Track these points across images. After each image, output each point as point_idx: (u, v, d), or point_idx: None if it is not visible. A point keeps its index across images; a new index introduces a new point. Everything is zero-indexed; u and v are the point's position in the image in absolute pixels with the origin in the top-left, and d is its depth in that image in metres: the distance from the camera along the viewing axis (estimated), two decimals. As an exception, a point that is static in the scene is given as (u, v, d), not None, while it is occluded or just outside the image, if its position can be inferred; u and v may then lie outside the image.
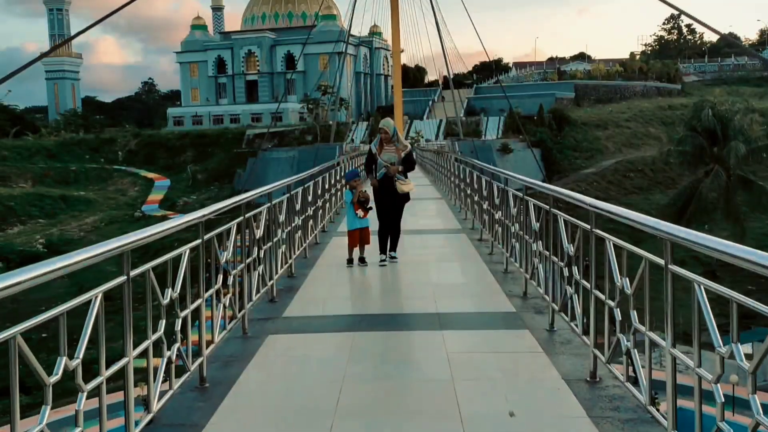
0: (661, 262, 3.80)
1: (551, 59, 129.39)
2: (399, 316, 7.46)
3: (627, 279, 4.41)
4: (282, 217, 8.70)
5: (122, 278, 3.88)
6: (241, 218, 6.72)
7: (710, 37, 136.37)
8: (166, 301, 4.49)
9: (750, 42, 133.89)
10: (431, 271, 9.81)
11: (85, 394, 3.33)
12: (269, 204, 8.05)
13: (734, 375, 20.15)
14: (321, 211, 13.13)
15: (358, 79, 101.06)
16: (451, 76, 76.13)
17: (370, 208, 10.46)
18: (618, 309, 4.61)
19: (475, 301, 8.16)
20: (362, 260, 10.25)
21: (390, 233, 10.36)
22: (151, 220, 54.51)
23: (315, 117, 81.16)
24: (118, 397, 3.92)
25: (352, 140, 72.22)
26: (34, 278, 2.79)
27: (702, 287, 3.30)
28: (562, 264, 6.02)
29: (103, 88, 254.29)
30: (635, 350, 4.36)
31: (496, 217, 10.18)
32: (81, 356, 3.22)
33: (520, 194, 8.25)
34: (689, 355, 3.53)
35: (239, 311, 6.49)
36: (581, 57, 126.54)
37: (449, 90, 76.25)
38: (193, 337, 5.29)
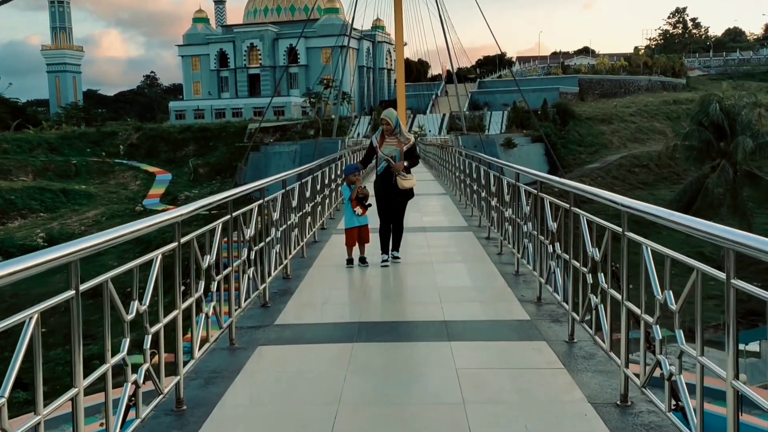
0: (719, 274, 3.21)
1: (555, 54, 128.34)
2: (402, 324, 6.84)
3: (671, 292, 3.76)
4: (276, 215, 8.11)
5: (70, 293, 3.19)
6: (228, 217, 6.07)
7: (715, 32, 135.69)
8: (130, 317, 3.84)
9: (755, 36, 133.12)
10: (437, 273, 9.17)
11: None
12: (262, 201, 7.44)
13: (743, 374, 19.64)
14: (320, 207, 12.49)
15: (360, 73, 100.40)
16: (455, 70, 75.59)
17: (369, 205, 9.84)
18: (657, 326, 3.98)
19: (485, 307, 7.55)
20: (363, 260, 9.66)
21: (392, 231, 9.72)
22: (151, 215, 53.90)
23: (317, 111, 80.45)
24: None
25: (358, 134, 71.55)
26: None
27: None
28: (585, 270, 5.41)
29: (107, 82, 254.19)
30: (681, 376, 3.71)
31: (506, 215, 9.56)
32: (7, 395, 2.56)
33: (534, 190, 7.61)
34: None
35: (225, 320, 5.92)
36: (585, 52, 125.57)
37: (452, 84, 75.81)
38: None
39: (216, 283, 5.59)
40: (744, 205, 45.56)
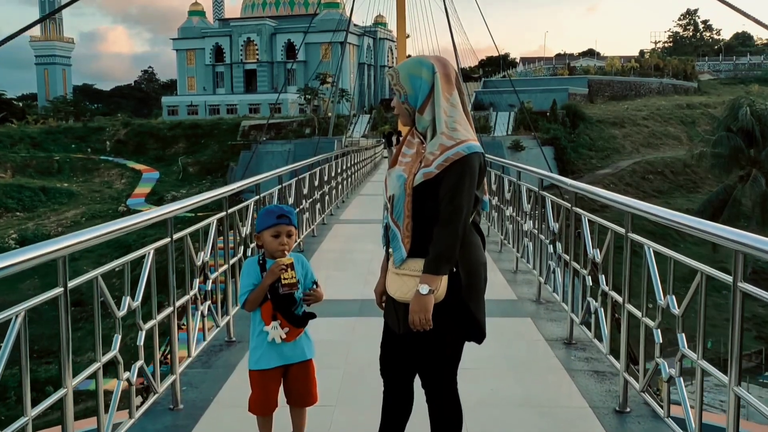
0: (725, 277, 3.14)
1: (559, 55, 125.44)
2: None
3: (673, 297, 3.72)
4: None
5: (58, 290, 3.13)
6: (223, 213, 6.00)
7: (725, 35, 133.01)
8: (122, 313, 3.72)
9: (763, 41, 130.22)
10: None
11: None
12: (257, 197, 7.37)
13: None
14: (318, 204, 12.84)
15: (361, 71, 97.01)
16: (459, 68, 72.01)
17: (310, 317, 3.69)
18: (658, 330, 3.88)
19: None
20: None
21: (402, 409, 3.40)
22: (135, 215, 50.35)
23: (314, 109, 76.63)
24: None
25: (363, 134, 68.05)
26: None
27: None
28: (585, 272, 5.32)
29: (111, 77, 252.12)
30: (680, 379, 3.68)
31: (507, 213, 9.53)
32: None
33: (535, 188, 7.63)
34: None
35: (222, 317, 5.80)
36: (590, 54, 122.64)
37: (457, 82, 71.79)
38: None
39: (211, 281, 5.46)
40: (776, 217, 41.86)
